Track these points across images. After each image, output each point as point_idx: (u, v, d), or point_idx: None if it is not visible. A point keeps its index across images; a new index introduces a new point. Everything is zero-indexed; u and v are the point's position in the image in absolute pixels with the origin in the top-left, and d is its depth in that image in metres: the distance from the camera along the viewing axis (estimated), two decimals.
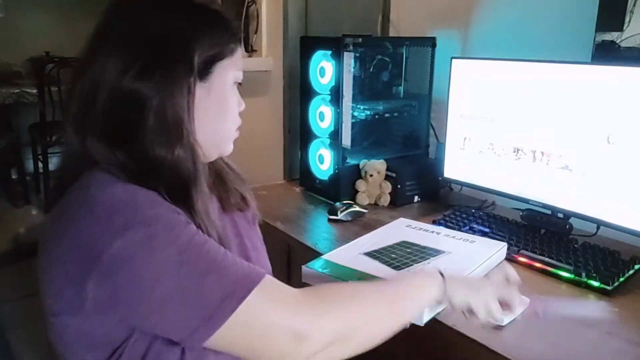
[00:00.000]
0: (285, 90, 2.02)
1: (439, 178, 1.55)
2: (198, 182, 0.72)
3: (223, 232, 0.76)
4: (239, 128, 0.83)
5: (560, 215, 1.27)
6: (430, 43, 1.62)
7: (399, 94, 1.67)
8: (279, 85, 2.04)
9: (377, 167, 1.52)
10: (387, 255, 1.10)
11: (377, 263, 1.07)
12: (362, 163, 1.55)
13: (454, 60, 1.44)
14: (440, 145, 1.57)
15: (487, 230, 1.29)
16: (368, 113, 1.58)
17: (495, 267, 0.94)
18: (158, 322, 0.64)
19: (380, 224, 1.31)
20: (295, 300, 0.68)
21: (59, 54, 3.43)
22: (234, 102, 0.80)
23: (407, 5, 1.85)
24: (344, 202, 1.45)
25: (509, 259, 1.17)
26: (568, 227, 1.25)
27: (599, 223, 1.20)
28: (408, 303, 0.79)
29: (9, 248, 2.83)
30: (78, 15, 3.32)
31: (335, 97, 1.50)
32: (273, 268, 0.94)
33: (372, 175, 1.52)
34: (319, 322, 0.68)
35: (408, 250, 1.13)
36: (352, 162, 1.55)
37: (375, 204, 1.55)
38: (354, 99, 1.52)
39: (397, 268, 1.04)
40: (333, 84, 1.51)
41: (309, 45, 1.59)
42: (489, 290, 0.83)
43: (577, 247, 1.19)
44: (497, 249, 1.14)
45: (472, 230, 1.30)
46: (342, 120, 1.50)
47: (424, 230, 1.25)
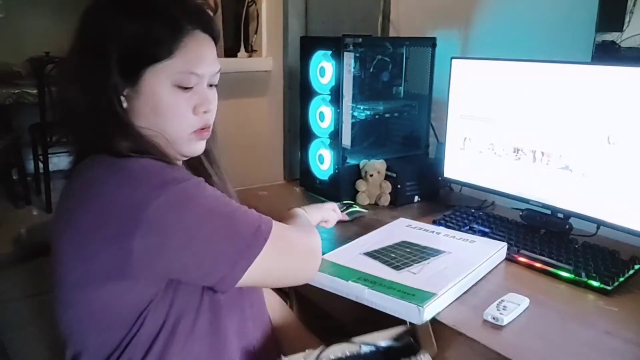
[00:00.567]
0: (285, 90, 2.02)
1: (439, 178, 1.55)
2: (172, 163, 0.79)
3: None
4: (209, 128, 0.84)
5: (560, 215, 1.27)
6: (430, 43, 1.62)
7: (399, 94, 1.67)
8: (279, 85, 2.05)
9: (377, 167, 1.52)
10: (387, 255, 1.10)
11: (377, 263, 1.07)
12: (362, 163, 1.55)
13: (454, 60, 1.44)
14: (440, 145, 1.57)
15: (487, 230, 1.29)
16: (368, 113, 1.58)
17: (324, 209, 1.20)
18: (201, 262, 0.74)
19: (380, 224, 1.31)
20: (297, 229, 0.94)
21: (59, 54, 3.42)
22: (178, 105, 0.79)
23: (407, 5, 1.85)
24: (344, 202, 1.45)
25: (509, 259, 1.17)
26: (568, 227, 1.25)
27: (599, 223, 1.20)
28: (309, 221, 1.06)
29: (10, 249, 2.83)
30: (78, 16, 3.31)
31: (335, 97, 1.50)
32: None
33: (372, 175, 1.52)
34: (315, 239, 0.95)
35: (408, 250, 1.13)
36: (352, 162, 1.55)
37: (376, 204, 1.55)
38: (354, 99, 1.52)
39: (397, 268, 1.04)
40: (333, 84, 1.51)
41: (309, 45, 1.59)
42: (325, 211, 1.18)
43: (577, 247, 1.19)
44: (497, 249, 1.15)
45: (472, 230, 1.30)
46: (342, 120, 1.50)
47: (424, 230, 1.25)
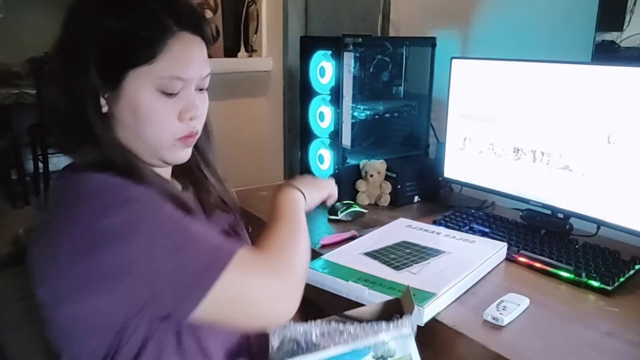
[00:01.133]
0: (285, 90, 2.02)
1: (439, 178, 1.55)
2: (140, 176, 0.75)
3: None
4: (193, 133, 0.79)
5: (561, 216, 1.27)
6: (430, 43, 1.62)
7: (399, 94, 1.67)
8: (279, 85, 2.05)
9: (377, 167, 1.52)
10: (387, 255, 1.10)
11: (377, 263, 1.07)
12: (362, 163, 1.55)
13: (454, 60, 1.44)
14: (440, 145, 1.57)
15: (487, 231, 1.29)
16: (368, 113, 1.58)
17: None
18: (146, 294, 0.66)
19: (380, 224, 1.31)
20: (267, 264, 0.74)
21: None
22: (161, 111, 0.74)
23: (407, 5, 1.85)
24: (344, 202, 1.45)
25: (509, 259, 1.17)
26: (568, 227, 1.25)
27: (599, 223, 1.20)
28: (303, 223, 0.88)
29: (9, 249, 2.83)
30: None
31: (335, 97, 1.50)
32: None
33: (372, 176, 1.52)
34: (291, 279, 0.75)
35: (408, 251, 1.13)
36: (352, 162, 1.55)
37: (376, 204, 1.54)
38: (354, 99, 1.52)
39: (397, 268, 1.04)
40: (333, 84, 1.51)
41: (309, 45, 1.59)
42: (325, 187, 1.07)
43: (577, 247, 1.19)
44: (497, 249, 1.14)
45: (472, 231, 1.30)
46: (342, 120, 1.50)
47: (424, 231, 1.25)
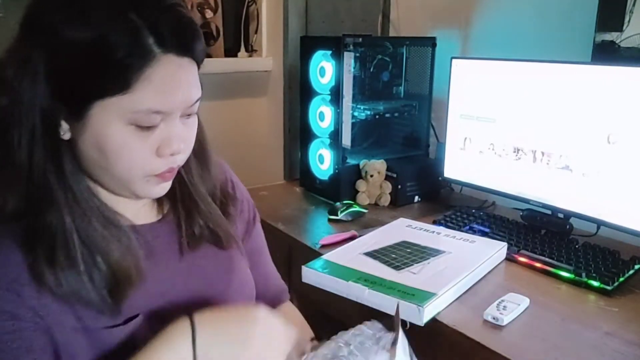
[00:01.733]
0: (286, 90, 2.01)
1: (439, 178, 1.55)
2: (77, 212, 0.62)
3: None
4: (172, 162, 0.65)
5: (561, 215, 1.27)
6: (430, 43, 1.62)
7: (399, 94, 1.67)
8: (279, 85, 2.04)
9: (377, 167, 1.52)
10: (387, 255, 1.10)
11: (377, 263, 1.07)
12: (362, 163, 1.55)
13: (454, 60, 1.44)
14: (441, 145, 1.57)
15: (487, 231, 1.29)
16: (368, 113, 1.58)
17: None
18: None
19: (381, 224, 1.31)
20: None
21: None
22: (133, 149, 0.61)
23: (407, 5, 1.85)
24: (344, 202, 1.45)
25: (509, 259, 1.17)
26: (568, 227, 1.25)
27: (599, 223, 1.20)
28: None
29: None
30: None
31: (335, 97, 1.50)
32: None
33: (372, 176, 1.52)
34: None
35: (408, 250, 1.13)
36: (352, 162, 1.55)
37: (376, 204, 1.55)
38: (354, 99, 1.52)
39: (397, 268, 1.04)
40: (333, 84, 1.51)
41: (309, 45, 1.59)
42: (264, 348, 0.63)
43: (577, 247, 1.19)
44: (497, 249, 1.15)
45: (472, 231, 1.30)
46: (342, 120, 1.50)
47: (424, 231, 1.25)
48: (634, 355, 0.84)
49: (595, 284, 1.04)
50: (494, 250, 1.14)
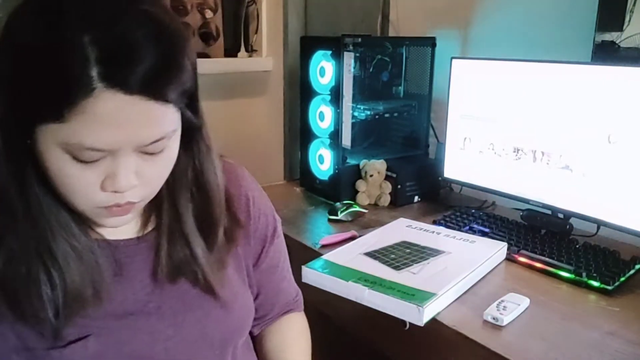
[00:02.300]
0: (286, 90, 2.01)
1: (439, 178, 1.55)
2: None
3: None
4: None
5: (561, 216, 1.27)
6: (430, 43, 1.62)
7: (399, 94, 1.67)
8: (279, 85, 2.04)
9: (377, 167, 1.52)
10: (387, 256, 1.10)
11: (377, 263, 1.07)
12: (362, 163, 1.55)
13: (454, 60, 1.44)
14: (440, 145, 1.57)
15: (487, 231, 1.29)
16: (368, 113, 1.58)
17: None
18: None
19: (381, 224, 1.31)
20: None
21: None
22: (74, 177, 0.56)
23: (407, 5, 1.85)
24: (344, 202, 1.45)
25: (509, 259, 1.17)
26: (568, 227, 1.25)
27: (599, 223, 1.20)
28: None
29: None
30: None
31: (335, 97, 1.50)
32: None
33: (372, 176, 1.52)
34: None
35: (408, 251, 1.13)
36: (352, 162, 1.55)
37: (376, 204, 1.54)
38: (354, 99, 1.52)
39: (397, 268, 1.04)
40: (333, 84, 1.51)
41: (309, 45, 1.59)
42: None
43: (577, 247, 1.19)
44: (497, 249, 1.14)
45: (472, 231, 1.30)
46: (342, 120, 1.50)
47: (424, 231, 1.25)
48: (635, 355, 0.84)
49: (596, 284, 1.04)
50: (494, 251, 1.14)
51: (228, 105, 2.10)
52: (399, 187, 1.53)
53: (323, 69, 1.54)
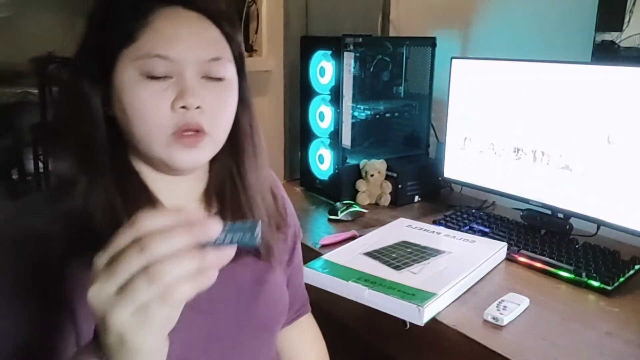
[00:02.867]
0: (286, 90, 2.01)
1: (440, 178, 1.55)
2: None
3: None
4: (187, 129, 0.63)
5: (561, 216, 1.27)
6: (430, 43, 1.62)
7: (399, 94, 1.67)
8: (279, 85, 2.04)
9: (377, 167, 1.52)
10: (387, 255, 1.10)
11: (377, 263, 1.07)
12: (362, 163, 1.55)
13: (454, 60, 1.44)
14: (441, 145, 1.57)
15: (487, 230, 1.29)
16: (368, 113, 1.58)
17: None
18: None
19: (381, 224, 1.31)
20: None
21: (64, 54, 3.41)
22: (144, 98, 0.61)
23: (407, 5, 1.85)
24: (344, 202, 1.45)
25: (509, 259, 1.17)
26: (568, 227, 1.25)
27: (599, 223, 1.20)
28: None
29: None
30: (83, 15, 3.31)
31: (336, 97, 1.50)
32: None
33: (372, 175, 1.52)
34: None
35: (408, 250, 1.13)
36: (352, 162, 1.55)
37: (376, 204, 1.55)
38: (354, 99, 1.52)
39: (397, 268, 1.04)
40: (333, 84, 1.51)
41: (309, 45, 1.59)
42: None
43: (577, 247, 1.19)
44: (497, 249, 1.15)
45: (472, 230, 1.30)
46: (342, 120, 1.50)
47: (424, 230, 1.25)
48: (634, 355, 0.84)
49: (595, 284, 1.04)
50: (494, 250, 1.14)
51: None
52: (399, 186, 1.53)
53: (323, 69, 1.54)
